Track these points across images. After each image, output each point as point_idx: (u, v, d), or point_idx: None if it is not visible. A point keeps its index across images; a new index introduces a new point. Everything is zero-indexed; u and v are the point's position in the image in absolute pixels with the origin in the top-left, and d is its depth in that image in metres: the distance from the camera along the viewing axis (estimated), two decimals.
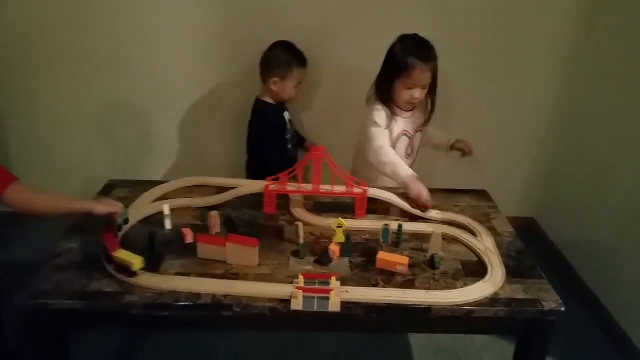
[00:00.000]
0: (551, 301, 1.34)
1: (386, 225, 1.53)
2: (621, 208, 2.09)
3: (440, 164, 2.55)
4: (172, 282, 1.30)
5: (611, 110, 2.20)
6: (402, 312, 1.29)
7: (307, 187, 1.66)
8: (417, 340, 1.99)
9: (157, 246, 1.42)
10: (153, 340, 1.96)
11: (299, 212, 1.66)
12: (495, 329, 1.47)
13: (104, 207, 1.46)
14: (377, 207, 1.71)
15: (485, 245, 1.52)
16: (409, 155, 2.02)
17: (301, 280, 1.30)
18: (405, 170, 1.75)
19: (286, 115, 2.26)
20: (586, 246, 2.32)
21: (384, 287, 1.35)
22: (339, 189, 1.66)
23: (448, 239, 1.57)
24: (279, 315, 1.27)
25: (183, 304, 1.25)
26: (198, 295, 1.27)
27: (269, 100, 2.20)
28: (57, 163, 2.59)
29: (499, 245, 1.55)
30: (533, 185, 2.72)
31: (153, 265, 1.36)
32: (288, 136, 2.24)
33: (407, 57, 1.82)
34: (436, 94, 1.94)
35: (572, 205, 2.46)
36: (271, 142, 2.15)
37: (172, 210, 1.58)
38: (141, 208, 1.63)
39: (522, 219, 2.57)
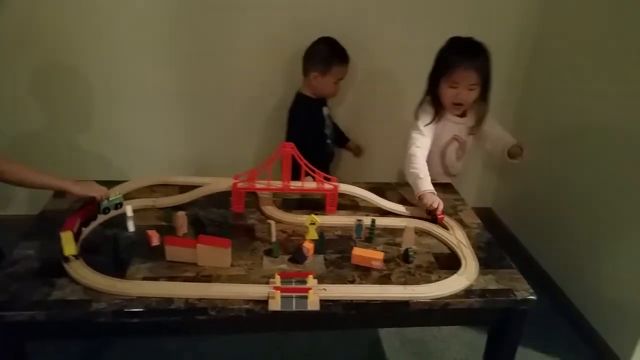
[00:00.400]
0: (523, 290, 1.36)
1: (359, 220, 1.52)
2: (572, 195, 2.17)
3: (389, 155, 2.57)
4: (140, 287, 1.23)
5: (561, 105, 2.27)
6: (380, 307, 1.28)
7: (276, 184, 1.62)
8: (386, 333, 1.99)
9: (122, 249, 1.35)
10: (116, 346, 1.88)
11: (269, 210, 1.62)
12: (470, 320, 1.48)
13: (82, 189, 1.39)
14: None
15: (458, 238, 1.52)
16: (459, 158, 1.99)
17: (278, 279, 1.27)
18: (426, 185, 1.69)
19: (325, 110, 2.25)
20: (541, 233, 2.39)
21: (360, 282, 1.34)
22: (309, 185, 1.63)
23: (420, 233, 1.57)
24: (256, 317, 1.23)
25: (155, 309, 1.19)
26: (170, 300, 1.21)
27: (308, 94, 2.19)
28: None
29: (468, 237, 1.56)
30: (489, 177, 2.78)
31: (119, 270, 1.29)
32: (327, 131, 2.24)
33: (451, 54, 1.79)
34: (488, 98, 1.87)
35: (526, 195, 2.53)
36: (308, 135, 2.12)
37: (135, 211, 1.51)
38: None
39: (480, 209, 2.62)
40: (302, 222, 1.51)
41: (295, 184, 1.61)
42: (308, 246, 1.43)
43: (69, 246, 1.25)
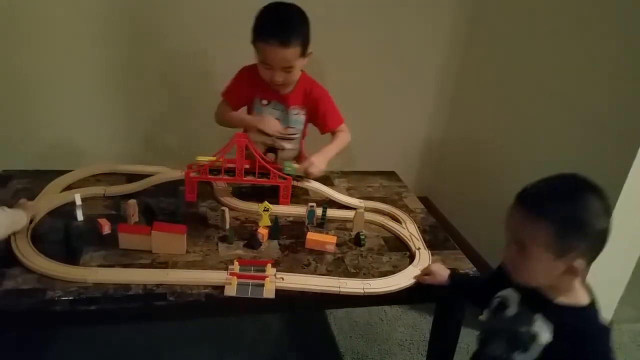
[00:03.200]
0: (467, 269, 1.46)
1: (312, 206, 1.55)
2: (500, 181, 2.31)
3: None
4: (97, 274, 1.22)
5: (493, 100, 2.41)
6: (336, 296, 1.32)
7: (230, 175, 1.60)
8: (335, 317, 2.04)
9: (73, 238, 1.31)
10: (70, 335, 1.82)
11: (224, 198, 1.62)
12: (420, 299, 1.55)
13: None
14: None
15: (410, 231, 1.58)
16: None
17: (236, 266, 1.29)
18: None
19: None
20: (473, 219, 2.55)
21: (316, 266, 1.38)
22: (262, 177, 1.62)
23: (372, 223, 1.62)
24: (214, 302, 1.24)
25: (112, 296, 1.18)
26: (127, 287, 1.21)
27: None
28: None
29: (414, 221, 1.64)
30: (425, 168, 2.91)
31: (72, 259, 1.26)
32: None
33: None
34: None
35: (459, 184, 2.68)
36: None
37: (82, 200, 1.47)
38: (48, 199, 1.50)
39: (419, 198, 2.73)
40: (255, 209, 1.53)
41: (248, 176, 1.61)
42: (262, 232, 1.45)
43: None
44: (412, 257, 1.46)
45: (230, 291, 1.24)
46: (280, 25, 1.55)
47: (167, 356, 1.77)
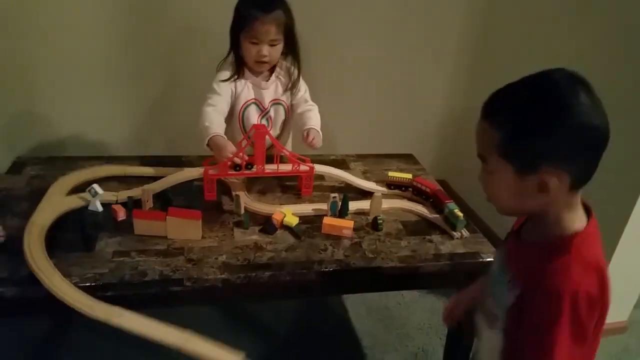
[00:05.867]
0: (488, 253, 1.42)
1: (334, 197, 1.50)
2: None
3: (351, 127, 2.61)
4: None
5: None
6: (353, 272, 1.31)
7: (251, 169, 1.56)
8: (351, 302, 2.03)
9: (88, 226, 1.30)
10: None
11: (244, 199, 1.54)
12: (439, 283, 1.52)
13: None
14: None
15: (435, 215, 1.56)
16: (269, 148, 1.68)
17: None
18: (214, 130, 1.55)
19: None
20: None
21: (333, 251, 1.35)
22: (284, 168, 1.58)
23: (401, 209, 1.60)
24: (231, 287, 1.23)
25: (129, 282, 1.17)
26: (144, 273, 1.20)
27: None
28: None
29: None
30: (444, 151, 2.87)
31: (86, 245, 1.26)
32: None
33: (246, 8, 1.60)
34: (297, 55, 1.71)
35: (478, 167, 2.63)
36: None
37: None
38: (60, 200, 1.44)
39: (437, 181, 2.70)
40: (270, 211, 1.48)
41: (269, 167, 1.56)
42: (277, 217, 1.43)
43: None
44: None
45: None
46: None
47: None
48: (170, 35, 2.18)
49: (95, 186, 1.40)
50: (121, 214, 1.39)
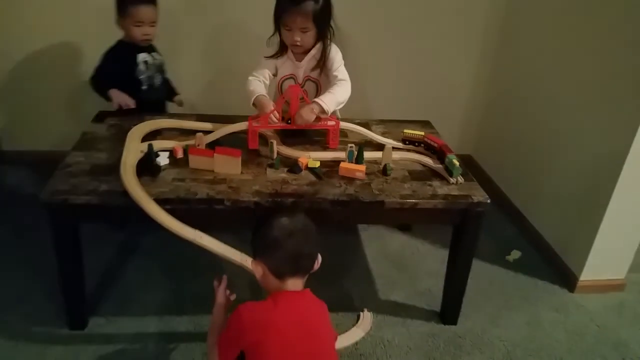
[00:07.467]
0: (480, 196, 1.68)
1: (351, 147, 1.80)
2: (544, 145, 2.45)
3: (379, 97, 2.88)
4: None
5: (540, 59, 2.53)
6: (361, 204, 1.61)
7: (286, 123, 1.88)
8: (370, 249, 2.33)
9: (154, 159, 1.66)
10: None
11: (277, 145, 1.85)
12: (434, 218, 1.78)
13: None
14: None
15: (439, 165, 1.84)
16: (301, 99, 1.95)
17: None
18: (257, 91, 1.93)
19: (142, 56, 2.19)
20: (516, 178, 2.70)
21: (345, 187, 1.65)
22: (315, 122, 1.88)
23: (411, 161, 1.88)
24: (262, 208, 1.55)
25: (183, 198, 1.52)
26: (195, 193, 1.54)
27: (125, 39, 2.17)
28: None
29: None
30: (470, 126, 3.08)
31: (153, 173, 1.62)
32: (142, 77, 2.20)
33: (280, 1, 1.91)
34: (328, 40, 1.99)
35: (505, 144, 2.82)
36: (115, 75, 2.14)
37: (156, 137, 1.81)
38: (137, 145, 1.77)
39: (460, 156, 2.90)
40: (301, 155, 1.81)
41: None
42: (303, 161, 1.74)
43: None
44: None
45: None
46: None
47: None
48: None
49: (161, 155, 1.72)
50: (179, 153, 1.74)
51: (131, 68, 2.16)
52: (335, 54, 2.03)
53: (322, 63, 2.03)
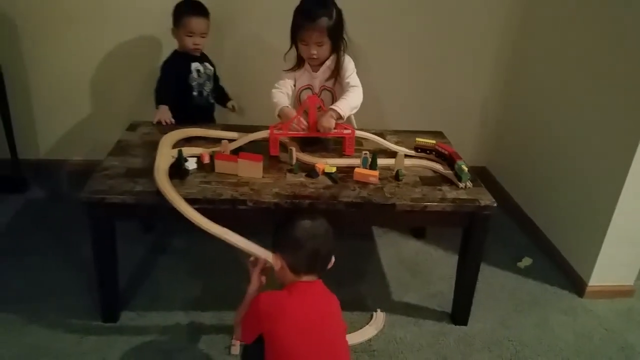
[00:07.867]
0: (487, 199, 1.78)
1: (365, 154, 1.92)
2: (554, 155, 2.52)
3: (394, 108, 2.99)
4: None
5: (552, 72, 2.60)
6: (374, 206, 1.72)
7: (304, 130, 2.01)
8: (384, 254, 2.43)
9: (182, 164, 1.80)
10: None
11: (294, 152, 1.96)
12: (443, 221, 1.87)
13: None
14: None
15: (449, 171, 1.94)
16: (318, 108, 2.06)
17: None
18: (282, 103, 2.10)
19: (195, 65, 2.36)
20: (528, 188, 2.78)
21: (359, 191, 1.77)
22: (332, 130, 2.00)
23: (422, 167, 1.99)
24: (281, 209, 1.68)
25: (209, 199, 1.65)
26: (220, 194, 1.67)
27: (178, 49, 2.37)
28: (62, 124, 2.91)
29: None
30: (484, 138, 3.16)
31: (181, 176, 1.76)
32: (193, 83, 2.37)
33: (296, 16, 2.06)
34: (341, 51, 2.15)
35: (518, 156, 2.89)
36: (171, 85, 2.33)
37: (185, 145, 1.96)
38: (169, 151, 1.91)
39: (475, 167, 2.98)
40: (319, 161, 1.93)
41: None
42: (320, 167, 1.87)
43: None
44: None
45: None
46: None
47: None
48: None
49: (189, 160, 1.86)
50: (206, 158, 1.88)
51: (185, 75, 2.36)
52: (348, 63, 2.19)
53: (337, 73, 2.18)
